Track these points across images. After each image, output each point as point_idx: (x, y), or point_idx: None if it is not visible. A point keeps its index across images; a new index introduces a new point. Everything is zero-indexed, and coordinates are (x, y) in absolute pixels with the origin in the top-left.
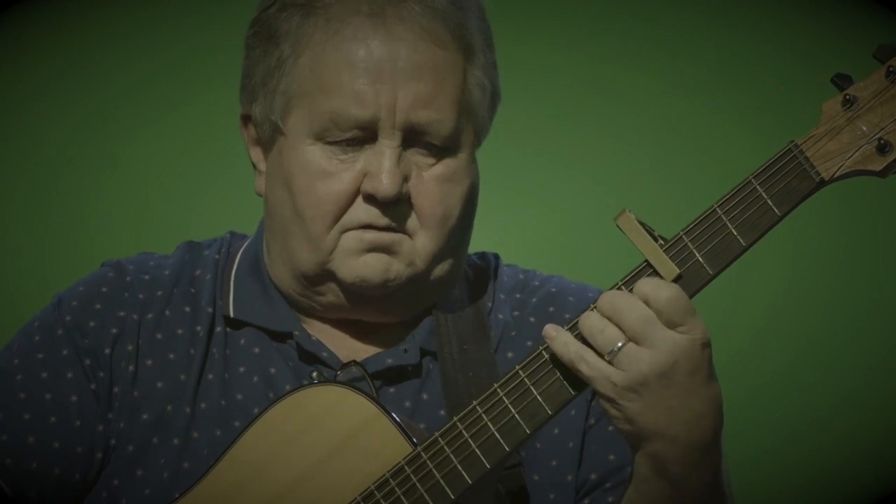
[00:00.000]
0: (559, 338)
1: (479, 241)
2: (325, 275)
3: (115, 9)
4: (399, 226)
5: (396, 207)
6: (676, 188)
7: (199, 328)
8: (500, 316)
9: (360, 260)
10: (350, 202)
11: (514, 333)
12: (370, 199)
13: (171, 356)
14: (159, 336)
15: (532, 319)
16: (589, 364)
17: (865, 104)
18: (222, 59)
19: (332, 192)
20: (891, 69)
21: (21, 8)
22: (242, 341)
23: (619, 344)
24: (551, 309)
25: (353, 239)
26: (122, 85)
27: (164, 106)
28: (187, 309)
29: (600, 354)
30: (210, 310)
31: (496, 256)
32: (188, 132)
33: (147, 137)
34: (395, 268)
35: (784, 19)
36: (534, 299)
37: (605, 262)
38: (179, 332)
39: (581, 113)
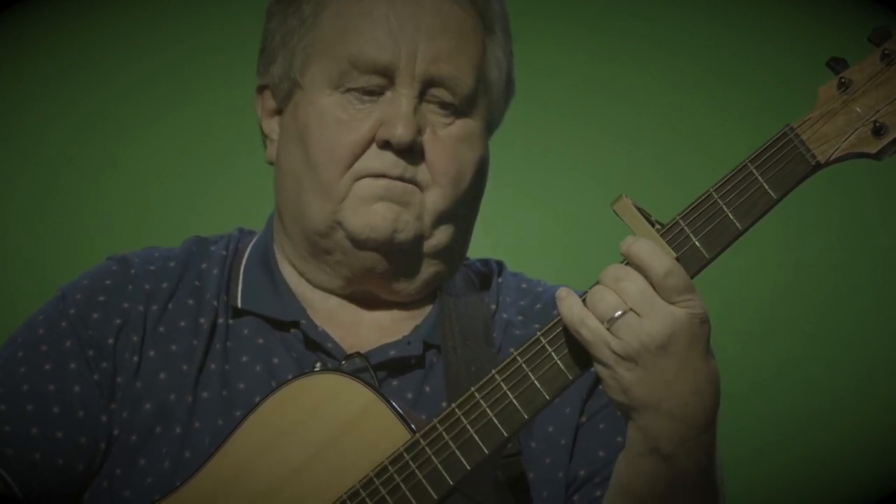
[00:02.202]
0: (568, 299)
1: (480, 240)
2: (334, 226)
3: (115, 9)
4: (412, 177)
5: (410, 159)
6: (676, 186)
7: (202, 320)
8: (505, 315)
9: (370, 208)
10: (364, 150)
11: (517, 332)
12: (385, 146)
13: (174, 347)
14: (161, 329)
15: (536, 326)
16: (589, 328)
17: (860, 87)
18: (222, 59)
19: (347, 139)
20: (885, 52)
21: (21, 8)
22: (246, 331)
23: (619, 313)
24: (555, 313)
25: (365, 186)
26: (122, 85)
27: (164, 106)
28: (191, 302)
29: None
30: (215, 303)
31: (499, 263)
32: (188, 132)
33: (147, 137)
34: (404, 218)
35: (783, 18)
36: (538, 305)
37: (605, 260)
38: (182, 324)
39: (581, 111)
